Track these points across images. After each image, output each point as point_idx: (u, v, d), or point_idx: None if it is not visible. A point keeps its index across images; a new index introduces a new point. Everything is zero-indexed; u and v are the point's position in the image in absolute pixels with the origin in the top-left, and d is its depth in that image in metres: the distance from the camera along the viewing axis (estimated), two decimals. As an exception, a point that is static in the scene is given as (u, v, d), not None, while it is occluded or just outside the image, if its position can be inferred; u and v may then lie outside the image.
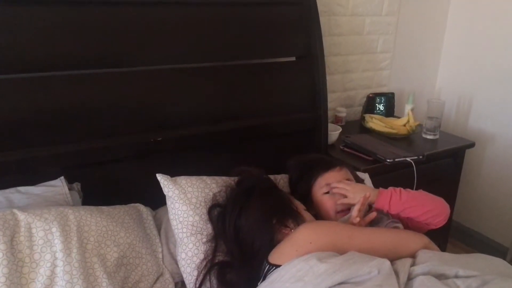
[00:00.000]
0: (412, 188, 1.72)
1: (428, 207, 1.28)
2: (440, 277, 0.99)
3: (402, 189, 1.32)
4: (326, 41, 1.97)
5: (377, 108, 2.23)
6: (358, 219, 1.22)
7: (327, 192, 1.35)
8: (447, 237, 2.28)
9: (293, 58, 1.80)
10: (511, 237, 2.34)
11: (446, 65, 2.54)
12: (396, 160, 1.72)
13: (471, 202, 2.49)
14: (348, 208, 1.32)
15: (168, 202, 1.31)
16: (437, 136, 2.08)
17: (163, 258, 1.32)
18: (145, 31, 1.44)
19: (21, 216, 1.09)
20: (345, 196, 1.32)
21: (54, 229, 1.10)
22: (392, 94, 2.27)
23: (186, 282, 1.25)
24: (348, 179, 1.38)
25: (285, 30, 1.72)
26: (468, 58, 2.41)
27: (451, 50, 2.50)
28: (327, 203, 1.34)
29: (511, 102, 2.24)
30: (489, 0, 2.27)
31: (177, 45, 1.51)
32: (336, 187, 1.33)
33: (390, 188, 1.33)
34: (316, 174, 1.39)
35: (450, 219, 2.17)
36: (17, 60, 1.27)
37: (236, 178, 1.37)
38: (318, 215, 1.36)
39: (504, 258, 2.22)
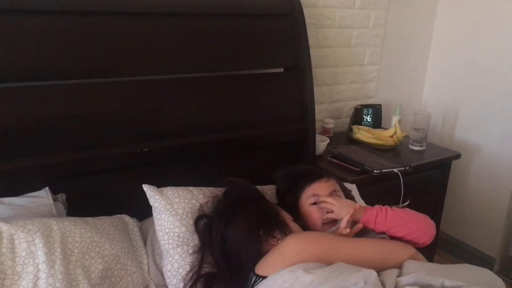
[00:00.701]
0: (399, 199, 1.74)
1: (413, 227, 1.26)
2: (426, 287, 0.99)
3: (388, 207, 1.30)
4: (314, 53, 1.99)
5: (365, 120, 2.25)
6: (348, 230, 1.22)
7: (315, 203, 1.35)
8: (434, 248, 2.29)
9: (281, 70, 1.81)
10: (498, 247, 2.36)
11: (432, 77, 2.57)
12: (383, 171, 1.73)
13: (458, 213, 2.51)
14: (335, 219, 1.31)
15: (154, 213, 1.30)
16: (424, 148, 2.09)
17: (148, 270, 1.31)
18: (134, 42, 1.44)
19: (4, 227, 1.07)
20: (331, 211, 1.31)
21: (37, 241, 1.08)
22: (380, 105, 2.29)
23: (172, 294, 1.24)
24: (335, 190, 1.38)
25: (274, 42, 1.73)
26: (454, 70, 2.45)
27: (437, 62, 2.54)
28: (314, 214, 1.34)
29: (495, 113, 2.28)
30: (474, 13, 2.31)
31: (164, 56, 1.50)
32: (323, 201, 1.33)
33: (376, 206, 1.30)
34: (304, 185, 1.39)
35: (437, 230, 2.18)
36: (1, 70, 1.26)
37: (223, 189, 1.36)
38: (306, 226, 1.36)
39: (491, 269, 2.23)
